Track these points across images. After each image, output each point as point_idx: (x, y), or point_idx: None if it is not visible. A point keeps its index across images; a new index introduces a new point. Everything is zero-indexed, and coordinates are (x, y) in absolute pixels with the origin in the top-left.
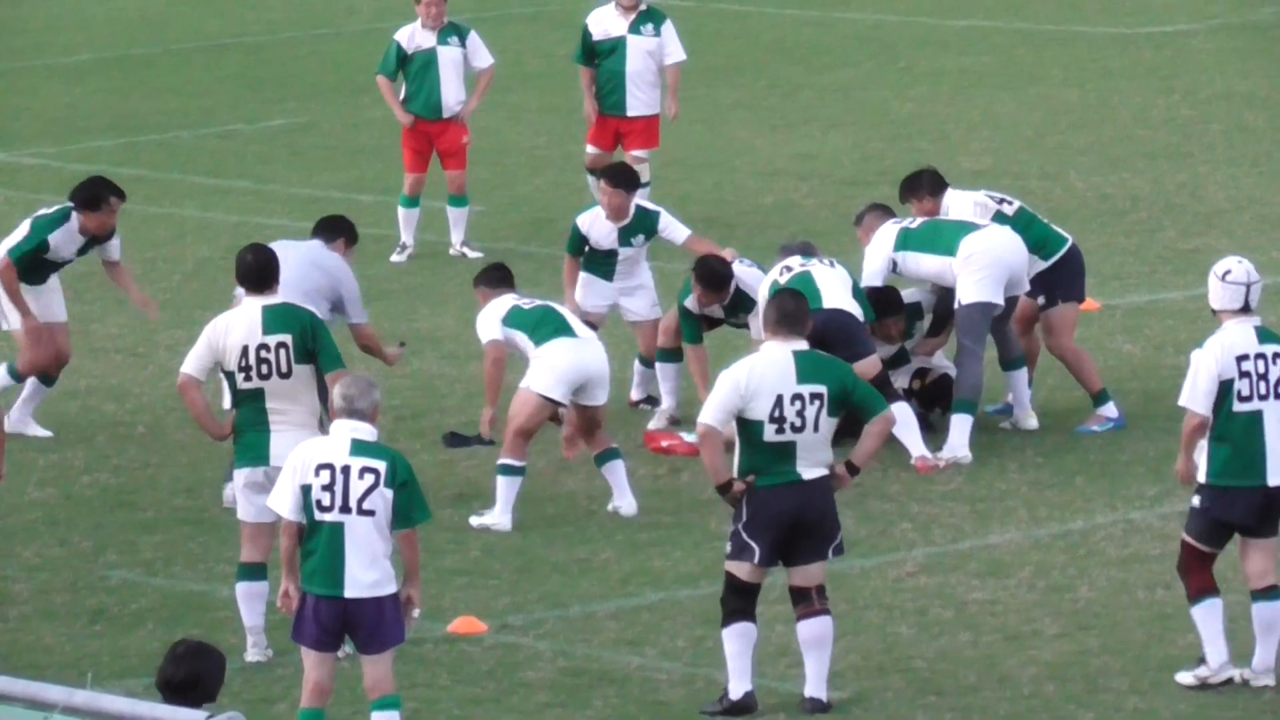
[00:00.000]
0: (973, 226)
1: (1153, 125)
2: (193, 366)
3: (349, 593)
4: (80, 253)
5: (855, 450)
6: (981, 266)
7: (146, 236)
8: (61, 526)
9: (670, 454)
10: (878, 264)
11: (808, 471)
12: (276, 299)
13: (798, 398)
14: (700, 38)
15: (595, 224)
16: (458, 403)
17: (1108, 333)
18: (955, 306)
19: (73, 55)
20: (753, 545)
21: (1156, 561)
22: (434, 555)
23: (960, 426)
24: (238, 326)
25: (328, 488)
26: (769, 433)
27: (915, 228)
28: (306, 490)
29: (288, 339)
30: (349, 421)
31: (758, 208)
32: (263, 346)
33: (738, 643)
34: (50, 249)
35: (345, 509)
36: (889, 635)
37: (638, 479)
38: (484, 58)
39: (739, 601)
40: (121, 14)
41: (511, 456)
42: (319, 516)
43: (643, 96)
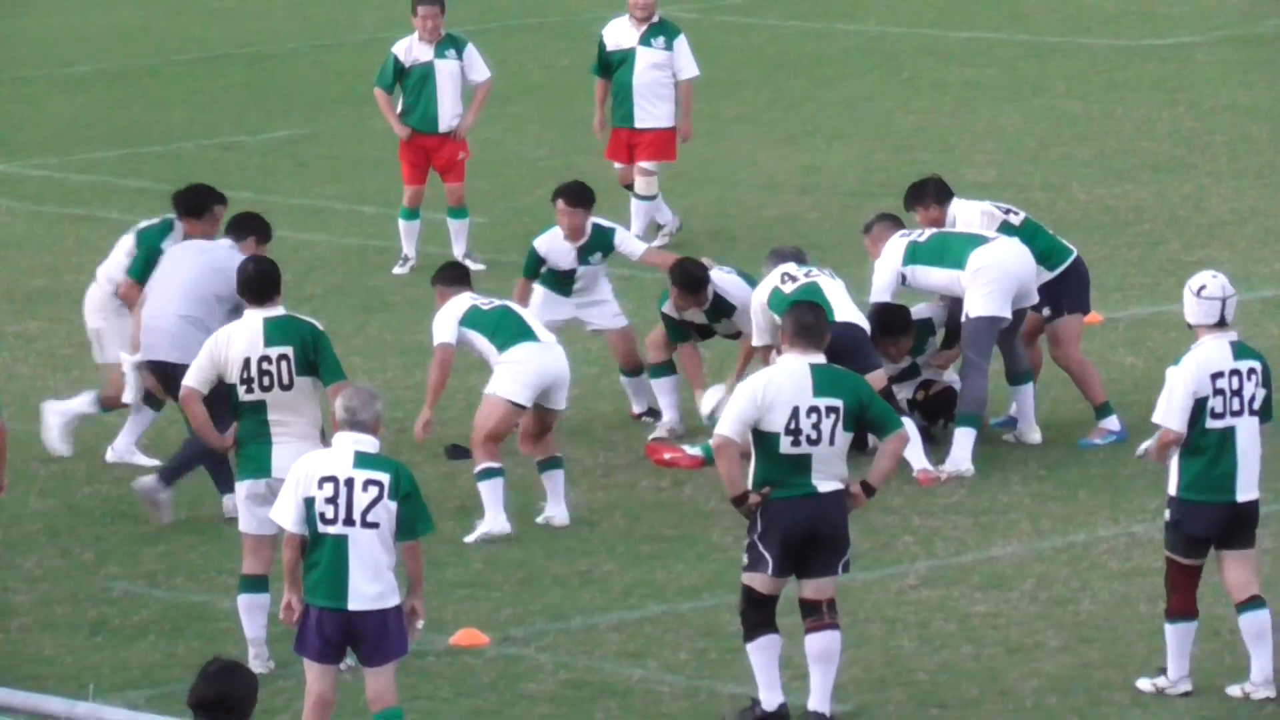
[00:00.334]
0: (981, 239)
1: (1156, 137)
2: (195, 379)
3: (353, 605)
4: None
5: (871, 470)
6: (990, 280)
7: None
8: (63, 537)
9: (673, 467)
10: (887, 278)
11: (823, 484)
12: (278, 311)
13: (814, 410)
14: (703, 51)
15: (554, 245)
16: (458, 414)
17: (1110, 345)
18: (962, 319)
19: (75, 66)
20: (767, 556)
21: (1158, 574)
22: (436, 567)
23: (963, 440)
24: (239, 339)
25: (331, 500)
26: (785, 445)
27: (923, 241)
28: (310, 503)
29: (289, 351)
30: (351, 434)
31: (761, 221)
32: (264, 359)
33: (764, 655)
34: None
35: (349, 521)
36: (891, 648)
37: (640, 491)
38: (481, 71)
39: (759, 614)
40: (124, 25)
41: (487, 461)
42: (323, 529)
43: (651, 109)
